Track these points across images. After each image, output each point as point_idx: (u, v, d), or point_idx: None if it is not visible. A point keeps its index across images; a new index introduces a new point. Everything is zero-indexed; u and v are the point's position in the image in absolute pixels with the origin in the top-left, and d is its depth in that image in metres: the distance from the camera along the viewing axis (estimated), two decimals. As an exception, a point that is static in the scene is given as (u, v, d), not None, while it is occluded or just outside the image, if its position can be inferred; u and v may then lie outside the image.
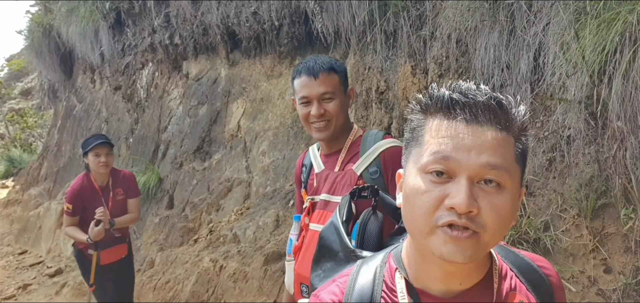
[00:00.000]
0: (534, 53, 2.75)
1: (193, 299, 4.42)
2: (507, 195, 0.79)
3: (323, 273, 1.13)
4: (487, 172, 0.77)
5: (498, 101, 0.79)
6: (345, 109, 1.86)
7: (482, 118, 0.78)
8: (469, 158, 0.77)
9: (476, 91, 0.80)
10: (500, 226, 0.79)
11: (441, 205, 0.78)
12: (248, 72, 5.56)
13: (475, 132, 0.78)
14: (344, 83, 1.86)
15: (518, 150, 0.81)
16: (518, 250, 1.00)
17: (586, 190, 2.56)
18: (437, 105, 0.82)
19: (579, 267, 2.53)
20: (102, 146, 3.63)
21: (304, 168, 2.04)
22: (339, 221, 1.19)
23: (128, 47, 7.58)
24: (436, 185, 0.79)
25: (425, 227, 0.80)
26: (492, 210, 0.78)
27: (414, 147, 0.85)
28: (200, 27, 5.91)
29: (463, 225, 0.76)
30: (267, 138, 5.09)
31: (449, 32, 3.38)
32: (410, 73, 3.76)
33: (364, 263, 0.96)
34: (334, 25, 4.30)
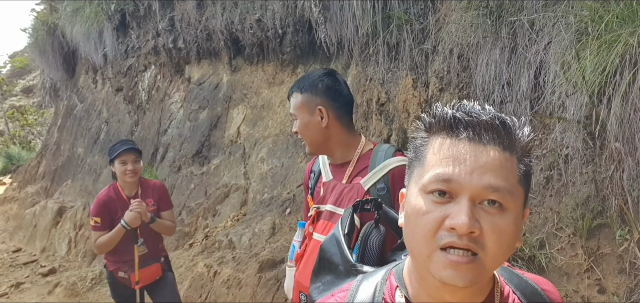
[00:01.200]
0: (535, 71, 2.77)
1: None
2: (510, 217, 0.78)
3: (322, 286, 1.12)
4: (489, 194, 0.76)
5: (502, 121, 0.79)
6: (312, 127, 1.83)
7: (485, 138, 0.78)
8: (471, 180, 0.76)
9: (480, 110, 0.80)
10: (501, 249, 0.78)
11: (442, 225, 0.77)
12: (250, 78, 5.58)
13: (478, 152, 0.77)
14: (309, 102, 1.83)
15: (521, 171, 0.80)
16: (522, 271, 0.99)
17: (582, 210, 2.57)
18: (440, 124, 0.81)
19: (573, 286, 2.53)
20: (129, 152, 3.32)
21: (312, 174, 2.04)
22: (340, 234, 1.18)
23: (131, 49, 7.61)
24: (437, 206, 0.78)
25: (426, 249, 0.79)
26: (494, 231, 0.76)
27: (417, 166, 0.84)
28: (204, 32, 5.94)
29: (464, 246, 0.75)
30: (267, 145, 5.10)
31: (451, 47, 3.40)
32: (411, 86, 3.77)
33: (364, 279, 0.95)
34: (337, 36, 4.33)
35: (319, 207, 1.84)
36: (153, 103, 7.31)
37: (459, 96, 3.39)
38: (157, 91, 7.26)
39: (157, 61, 7.17)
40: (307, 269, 1.74)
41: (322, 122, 1.82)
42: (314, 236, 1.81)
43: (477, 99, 3.33)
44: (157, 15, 6.68)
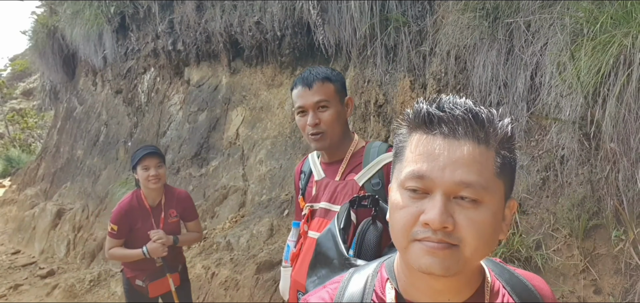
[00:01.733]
0: (531, 72, 2.78)
1: (184, 304, 4.39)
2: (486, 210, 0.79)
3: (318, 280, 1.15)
4: (461, 189, 0.77)
5: (474, 114, 0.79)
6: (341, 118, 1.86)
7: (459, 132, 0.78)
8: (443, 176, 0.77)
9: (454, 105, 0.80)
10: (480, 241, 0.79)
11: (417, 221, 0.78)
12: (249, 80, 5.60)
13: (452, 147, 0.78)
14: (341, 92, 1.86)
15: (498, 163, 0.80)
16: (513, 268, 0.99)
17: (578, 210, 2.57)
18: (417, 120, 0.82)
19: (569, 286, 2.53)
20: (151, 156, 3.13)
21: (302, 174, 2.05)
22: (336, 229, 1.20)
23: (131, 52, 7.63)
24: (413, 201, 0.80)
25: (404, 241, 0.80)
26: (469, 224, 0.77)
27: (397, 163, 0.86)
28: (204, 35, 5.95)
29: (438, 241, 0.77)
30: (265, 146, 5.11)
31: (448, 48, 3.41)
32: (409, 88, 3.79)
33: (356, 272, 0.97)
34: (335, 38, 4.34)
35: (312, 205, 1.85)
36: (152, 105, 7.33)
37: (457, 98, 3.40)
38: (157, 93, 7.28)
39: (157, 63, 7.19)
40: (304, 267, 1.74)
41: (348, 111, 1.87)
42: (309, 234, 1.82)
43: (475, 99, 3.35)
44: (156, 18, 6.70)
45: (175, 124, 6.61)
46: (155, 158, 3.14)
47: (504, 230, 0.84)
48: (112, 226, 3.20)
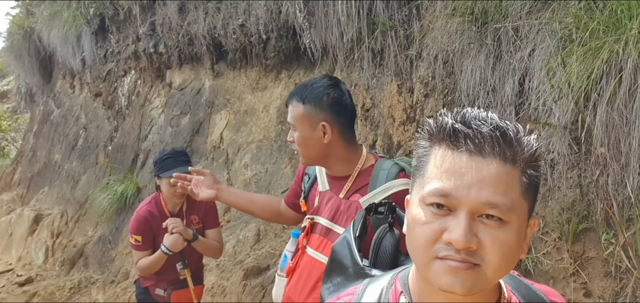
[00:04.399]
0: (520, 77, 2.79)
1: (169, 312, 4.32)
2: (510, 230, 0.77)
3: (333, 287, 1.14)
4: (487, 209, 0.76)
5: (502, 132, 0.77)
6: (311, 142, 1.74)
7: (486, 150, 0.76)
8: (469, 195, 0.76)
9: (481, 121, 0.78)
10: (503, 261, 0.77)
11: (440, 238, 0.77)
12: (233, 83, 5.54)
13: (478, 166, 0.76)
14: (312, 115, 1.73)
15: (524, 184, 0.79)
16: (531, 281, 0.98)
17: (568, 214, 2.60)
18: (441, 134, 0.80)
19: (559, 289, 2.55)
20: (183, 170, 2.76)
21: (306, 176, 1.99)
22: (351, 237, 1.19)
23: (111, 54, 7.49)
24: (436, 217, 0.78)
25: (424, 258, 0.79)
26: (493, 244, 0.76)
27: (419, 176, 0.84)
28: (186, 37, 5.87)
29: (461, 260, 0.75)
30: (250, 150, 5.06)
31: (436, 53, 3.41)
32: (396, 92, 3.78)
33: (371, 283, 0.95)
34: (321, 41, 4.32)
35: (313, 218, 1.80)
36: (133, 109, 7.20)
37: (444, 102, 3.41)
38: (138, 96, 7.16)
39: (138, 66, 7.07)
40: (299, 285, 1.70)
41: (325, 138, 1.73)
42: (308, 251, 1.76)
43: (462, 105, 3.36)
44: (137, 20, 6.58)
45: (157, 128, 6.51)
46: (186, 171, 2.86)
47: (525, 248, 0.83)
48: (135, 237, 2.99)
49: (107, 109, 7.84)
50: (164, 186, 2.95)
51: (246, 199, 2.26)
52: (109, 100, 7.75)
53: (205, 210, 3.09)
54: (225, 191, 2.16)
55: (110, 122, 7.76)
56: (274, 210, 2.18)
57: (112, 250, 6.22)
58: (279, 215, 2.18)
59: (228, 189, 2.21)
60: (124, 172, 6.74)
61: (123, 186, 6.44)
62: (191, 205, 3.06)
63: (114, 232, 6.41)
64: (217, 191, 2.12)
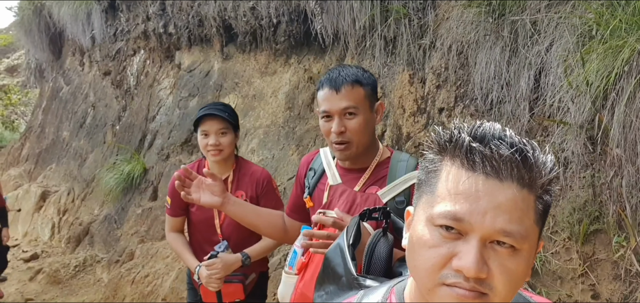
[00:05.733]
0: (536, 72, 2.73)
1: (172, 295, 4.33)
2: (521, 258, 0.73)
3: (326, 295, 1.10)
4: (501, 237, 0.72)
5: (523, 155, 0.72)
6: (370, 127, 1.71)
7: (503, 174, 0.72)
8: (483, 221, 0.71)
9: (499, 140, 0.73)
10: (511, 289, 0.74)
11: (448, 263, 0.72)
12: (242, 67, 5.49)
13: (494, 190, 0.72)
14: (371, 97, 1.71)
15: (539, 209, 0.75)
16: (531, 294, 0.94)
17: (579, 214, 2.55)
18: (454, 150, 0.75)
19: (567, 290, 2.51)
20: (213, 119, 2.44)
21: (311, 171, 1.91)
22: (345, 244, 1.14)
23: (120, 33, 7.45)
24: (445, 241, 0.73)
25: (429, 283, 0.74)
26: (503, 273, 0.72)
27: (426, 192, 0.78)
28: (196, 18, 5.82)
29: (470, 288, 0.71)
30: (258, 135, 5.02)
31: (450, 43, 3.35)
32: (407, 81, 3.72)
33: (365, 296, 0.91)
34: (333, 27, 4.25)
35: (326, 212, 1.75)
36: (142, 89, 7.18)
37: (456, 94, 3.35)
38: (146, 76, 7.13)
39: (147, 46, 7.03)
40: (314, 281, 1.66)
41: (378, 118, 1.73)
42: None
43: (475, 98, 3.30)
44: (147, -1, 6.54)
45: (165, 109, 6.48)
46: (218, 122, 2.46)
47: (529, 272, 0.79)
48: (167, 199, 2.65)
49: (116, 88, 7.83)
50: (199, 142, 2.55)
51: (252, 212, 2.11)
52: (118, 79, 7.73)
53: (257, 188, 2.57)
54: (231, 201, 2.00)
55: (119, 101, 7.74)
56: (278, 226, 2.07)
57: (118, 229, 6.24)
58: (284, 232, 2.08)
59: (234, 200, 2.04)
60: (131, 152, 6.73)
61: (130, 166, 6.44)
62: (240, 177, 2.59)
63: (120, 212, 6.43)
64: (224, 200, 1.97)
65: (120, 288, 4.96)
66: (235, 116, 2.57)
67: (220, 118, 2.46)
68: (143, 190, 6.26)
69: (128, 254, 5.44)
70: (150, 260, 4.97)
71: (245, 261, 2.48)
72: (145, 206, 5.98)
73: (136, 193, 6.33)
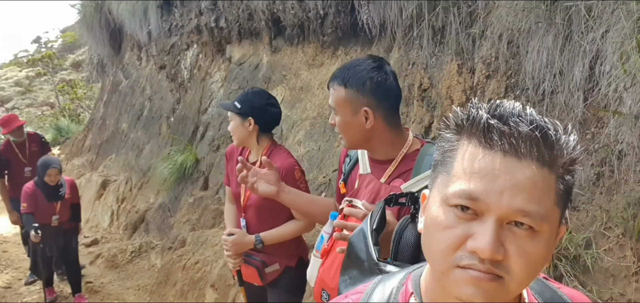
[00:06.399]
0: (590, 61, 2.60)
1: (220, 282, 4.45)
2: (541, 240, 0.70)
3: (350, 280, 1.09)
4: (519, 217, 0.69)
5: (543, 133, 0.69)
6: (356, 128, 1.68)
7: (522, 151, 0.69)
8: (500, 201, 0.68)
9: (518, 118, 0.70)
10: (529, 273, 0.71)
11: (463, 245, 0.70)
12: (289, 59, 5.54)
13: (512, 168, 0.68)
14: (354, 100, 1.66)
15: (560, 190, 0.71)
16: (558, 284, 0.90)
17: (634, 209, 2.41)
18: (472, 128, 0.72)
19: (619, 289, 2.39)
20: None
21: (348, 158, 1.94)
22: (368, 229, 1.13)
23: (175, 28, 7.69)
24: (460, 221, 0.70)
25: (443, 265, 0.72)
26: (521, 256, 0.69)
27: (442, 172, 0.76)
28: (246, 12, 5.92)
29: (485, 270, 0.68)
30: (304, 127, 5.06)
31: (500, 32, 3.25)
32: (456, 72, 3.64)
33: (381, 282, 0.89)
34: (380, 18, 4.22)
35: (351, 201, 1.76)
36: (194, 82, 7.39)
37: (507, 84, 3.25)
38: (199, 69, 7.33)
39: (199, 40, 7.23)
40: (333, 269, 1.66)
41: (367, 123, 1.66)
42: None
43: (526, 88, 3.19)
44: (200, -6, 6.72)
45: (217, 101, 6.64)
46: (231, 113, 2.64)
47: (549, 258, 0.75)
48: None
49: (171, 81, 8.10)
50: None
51: (307, 200, 2.16)
52: (172, 73, 7.99)
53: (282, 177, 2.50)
54: (286, 190, 2.05)
55: (173, 94, 8.01)
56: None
57: (171, 217, 6.47)
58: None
59: (289, 189, 2.08)
60: (184, 143, 6.95)
61: (183, 156, 6.65)
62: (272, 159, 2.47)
63: (173, 201, 6.66)
64: (279, 189, 2.02)
65: (172, 274, 5.15)
66: (246, 103, 2.64)
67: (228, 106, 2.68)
68: (195, 180, 6.45)
69: (180, 241, 5.63)
70: (200, 247, 5.13)
71: (258, 244, 2.54)
72: (196, 195, 6.17)
73: (188, 182, 6.54)
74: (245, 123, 2.61)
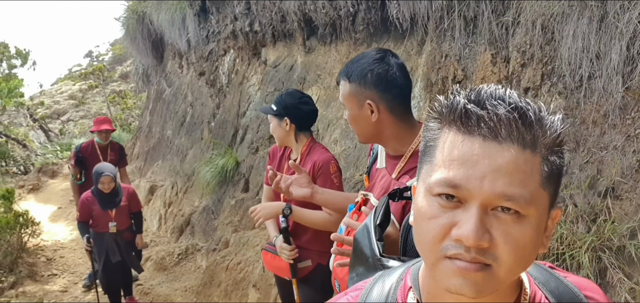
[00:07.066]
0: (627, 42, 2.48)
1: (261, 282, 4.52)
2: (528, 225, 0.68)
3: (357, 277, 1.10)
4: (503, 201, 0.67)
5: (521, 113, 0.68)
6: (363, 121, 1.69)
7: (502, 134, 0.67)
8: (481, 186, 0.67)
9: (497, 100, 0.69)
10: (518, 259, 0.69)
11: (448, 234, 0.69)
12: (323, 59, 5.56)
13: (492, 152, 0.67)
14: (358, 94, 1.68)
15: (545, 171, 0.69)
16: (565, 273, 0.87)
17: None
18: (451, 115, 0.71)
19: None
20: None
21: (372, 152, 1.96)
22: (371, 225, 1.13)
23: (212, 34, 7.86)
24: (444, 210, 0.70)
25: (431, 257, 0.71)
26: (508, 242, 0.67)
27: (426, 162, 0.75)
28: (279, 14, 5.98)
29: (471, 259, 0.67)
30: (340, 126, 5.06)
31: (533, 18, 3.14)
32: (490, 62, 3.55)
33: (381, 277, 0.88)
34: (410, 11, 4.16)
35: (366, 195, 1.76)
36: (233, 86, 7.53)
37: (543, 72, 3.15)
38: (236, 74, 7.46)
39: (236, 45, 7.35)
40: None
41: (372, 116, 1.67)
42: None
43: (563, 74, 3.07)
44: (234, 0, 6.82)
45: (254, 104, 6.74)
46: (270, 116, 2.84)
47: (545, 242, 0.73)
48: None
49: (210, 87, 8.28)
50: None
51: (343, 198, 2.17)
52: (211, 78, 8.16)
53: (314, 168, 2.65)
54: (319, 191, 2.08)
55: (213, 99, 8.18)
56: None
57: (215, 220, 6.62)
58: None
59: (322, 189, 2.12)
60: (225, 147, 7.09)
61: (224, 160, 6.79)
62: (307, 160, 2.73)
63: (216, 203, 6.81)
64: (312, 191, 2.05)
65: (216, 275, 5.26)
66: (280, 104, 2.83)
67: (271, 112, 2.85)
68: (236, 182, 6.58)
69: (223, 243, 5.75)
70: (242, 248, 5.22)
71: (286, 210, 2.58)
72: (238, 197, 6.28)
73: (230, 185, 6.67)
74: (282, 123, 2.76)
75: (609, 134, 2.63)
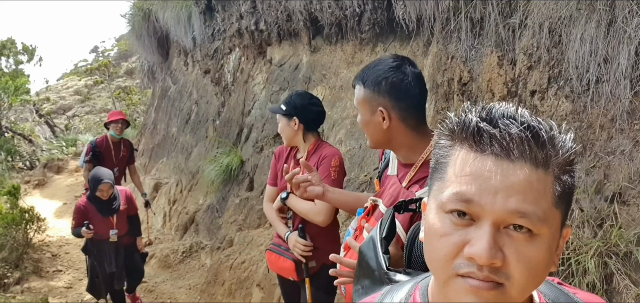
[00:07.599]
0: (636, 47, 2.46)
1: (265, 281, 4.52)
2: (540, 244, 0.68)
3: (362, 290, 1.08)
4: (516, 219, 0.67)
5: (534, 133, 0.68)
6: (374, 127, 1.68)
7: (514, 154, 0.67)
8: (494, 202, 0.66)
9: (509, 119, 0.69)
10: (530, 278, 0.68)
11: (461, 252, 0.68)
12: (329, 58, 5.55)
13: (505, 170, 0.67)
14: (371, 99, 1.67)
15: (558, 190, 0.69)
16: (575, 290, 0.86)
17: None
18: (462, 133, 0.71)
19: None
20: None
21: (384, 157, 1.95)
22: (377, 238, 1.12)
23: (217, 32, 7.86)
24: (457, 228, 0.69)
25: (443, 274, 0.71)
26: (520, 260, 0.67)
27: (437, 179, 0.75)
28: (284, 14, 5.97)
29: (484, 278, 0.66)
30: (345, 126, 5.06)
31: (541, 20, 3.12)
32: (496, 64, 3.54)
33: (389, 293, 0.88)
34: (416, 12, 4.14)
35: (376, 201, 1.75)
36: (238, 85, 7.53)
37: (550, 75, 3.13)
38: (242, 72, 7.46)
39: (241, 43, 7.35)
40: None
41: (384, 123, 1.66)
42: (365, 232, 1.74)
43: (570, 78, 3.05)
44: (240, -2, 6.82)
45: (259, 103, 6.74)
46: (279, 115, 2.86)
47: (555, 261, 0.73)
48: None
49: (215, 85, 8.28)
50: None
51: (355, 198, 2.17)
52: (217, 77, 8.16)
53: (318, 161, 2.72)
54: (330, 190, 2.08)
55: (218, 98, 8.19)
56: None
57: (219, 218, 6.63)
58: None
59: (333, 189, 2.12)
60: (230, 145, 7.10)
61: (228, 158, 6.79)
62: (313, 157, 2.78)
63: (221, 201, 6.82)
64: (323, 190, 2.05)
65: (220, 273, 5.27)
66: (290, 104, 2.87)
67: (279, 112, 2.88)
68: (240, 181, 6.58)
69: (228, 241, 5.76)
70: (246, 247, 5.23)
71: (283, 198, 2.73)
72: (242, 196, 6.29)
73: (234, 183, 6.67)
74: (290, 122, 2.82)
75: (617, 139, 2.62)
